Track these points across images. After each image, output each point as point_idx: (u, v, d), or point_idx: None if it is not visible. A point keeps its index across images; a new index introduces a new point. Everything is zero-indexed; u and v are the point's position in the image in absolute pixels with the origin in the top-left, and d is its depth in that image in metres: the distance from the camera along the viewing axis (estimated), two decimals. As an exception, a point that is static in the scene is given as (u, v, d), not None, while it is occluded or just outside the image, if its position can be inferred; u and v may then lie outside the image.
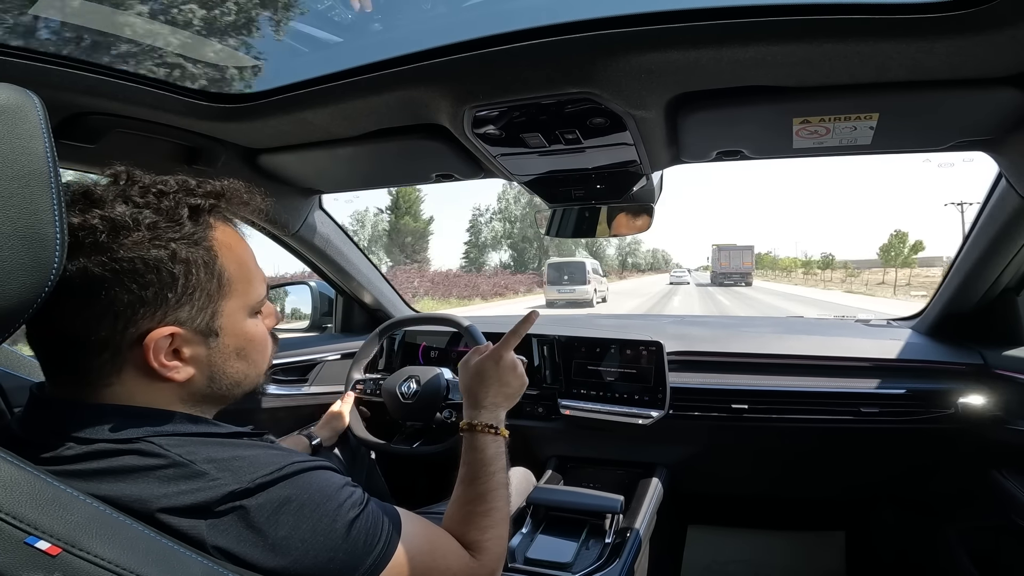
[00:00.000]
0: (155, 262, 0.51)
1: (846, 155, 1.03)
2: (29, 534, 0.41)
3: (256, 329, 0.62)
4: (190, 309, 0.54)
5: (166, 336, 0.53)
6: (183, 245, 0.53)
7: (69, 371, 0.54)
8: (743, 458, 1.56)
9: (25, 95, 0.47)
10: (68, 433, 0.51)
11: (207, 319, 0.56)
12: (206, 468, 0.51)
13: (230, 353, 0.59)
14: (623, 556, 1.11)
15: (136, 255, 0.51)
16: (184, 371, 0.55)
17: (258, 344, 0.62)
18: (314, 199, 1.51)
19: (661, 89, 0.82)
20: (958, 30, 0.64)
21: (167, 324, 0.53)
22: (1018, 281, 1.27)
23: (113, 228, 0.51)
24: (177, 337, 0.54)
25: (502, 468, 0.82)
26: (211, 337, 0.57)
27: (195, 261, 0.54)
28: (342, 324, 1.95)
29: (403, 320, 1.57)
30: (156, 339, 0.52)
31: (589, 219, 1.32)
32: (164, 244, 0.52)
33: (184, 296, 0.53)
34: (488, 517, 0.76)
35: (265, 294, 0.63)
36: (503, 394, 0.88)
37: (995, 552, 1.40)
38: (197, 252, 0.54)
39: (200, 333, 0.56)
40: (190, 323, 0.55)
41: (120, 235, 0.51)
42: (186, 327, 0.54)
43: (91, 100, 0.89)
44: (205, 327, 0.56)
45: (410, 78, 0.85)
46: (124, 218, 0.51)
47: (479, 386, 0.87)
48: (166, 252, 0.52)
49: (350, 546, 0.56)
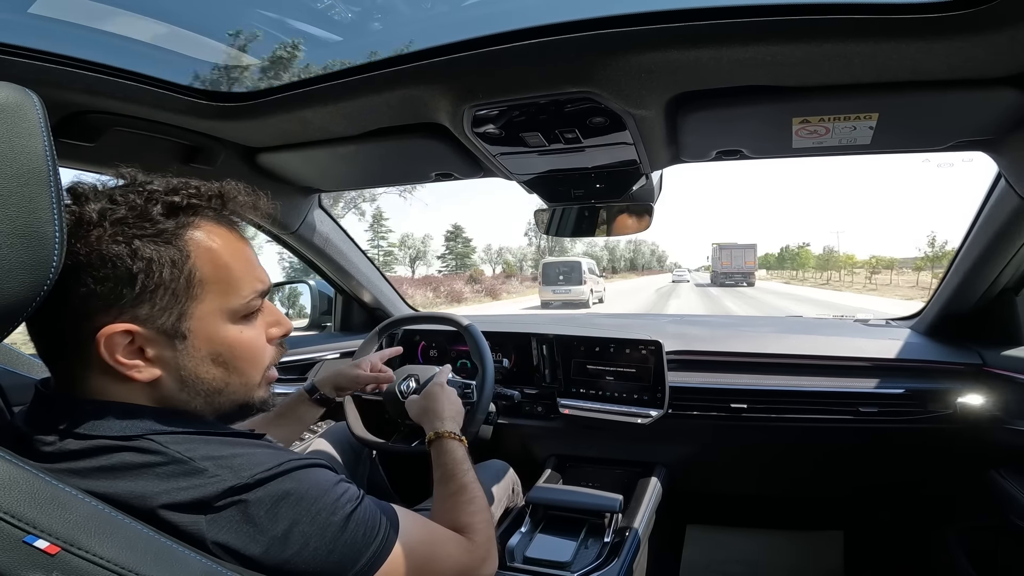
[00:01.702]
0: (112, 257, 0.51)
1: (845, 155, 1.03)
2: (28, 533, 0.41)
3: (240, 336, 0.59)
4: (151, 307, 0.53)
5: (122, 333, 0.52)
6: (148, 242, 0.52)
7: (54, 363, 0.55)
8: (742, 458, 1.57)
9: (24, 93, 0.47)
10: (68, 429, 0.51)
11: (172, 320, 0.54)
12: (205, 465, 0.51)
13: (202, 358, 0.57)
14: (622, 555, 1.11)
15: (92, 249, 0.51)
16: (147, 371, 0.54)
17: (241, 351, 0.59)
18: (313, 198, 1.51)
19: (661, 88, 0.82)
20: (957, 30, 0.64)
21: (123, 320, 0.52)
22: (1017, 281, 1.27)
23: (77, 223, 0.51)
24: (137, 336, 0.53)
25: (471, 468, 0.88)
26: (178, 339, 0.55)
27: (159, 259, 0.52)
28: (341, 323, 1.95)
29: (402, 319, 1.56)
30: (108, 334, 0.51)
31: (588, 218, 1.32)
32: (126, 240, 0.51)
33: (144, 293, 0.52)
34: (472, 503, 0.80)
35: (251, 299, 0.60)
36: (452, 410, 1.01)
37: (993, 552, 1.40)
38: (165, 250, 0.53)
39: (164, 334, 0.54)
40: (151, 322, 0.53)
41: (82, 230, 0.51)
42: (147, 326, 0.53)
43: (90, 99, 0.89)
44: (171, 328, 0.54)
45: (410, 77, 0.85)
46: (91, 214, 0.51)
47: (434, 404, 1.00)
48: (125, 248, 0.51)
49: (349, 539, 0.56)
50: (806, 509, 1.80)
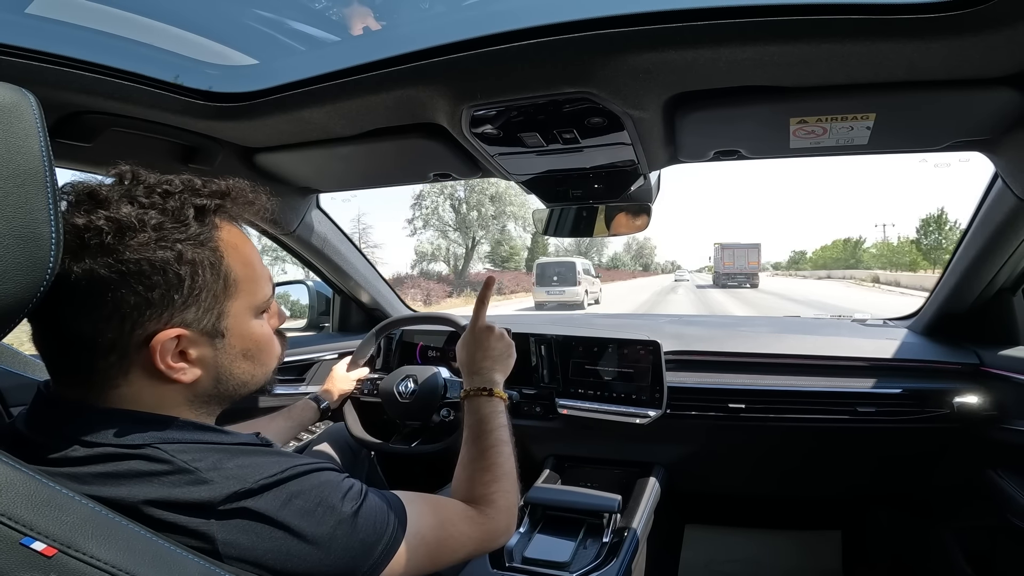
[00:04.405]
0: (161, 263, 0.51)
1: (843, 155, 1.03)
2: (25, 535, 0.41)
3: (262, 330, 0.62)
4: (196, 310, 0.54)
5: (172, 338, 0.53)
6: (189, 246, 0.53)
7: (75, 372, 0.54)
8: (740, 457, 1.57)
9: (21, 94, 0.47)
10: (75, 435, 0.51)
11: (213, 320, 0.56)
12: (211, 476, 0.51)
13: (236, 354, 0.59)
14: (621, 555, 1.11)
15: (142, 256, 0.50)
16: (191, 372, 0.55)
17: (264, 345, 0.62)
18: (311, 198, 1.51)
19: (659, 89, 0.82)
20: (955, 30, 0.64)
21: (173, 326, 0.53)
22: (1014, 281, 1.27)
23: (119, 229, 0.50)
24: (183, 339, 0.54)
25: (501, 426, 0.86)
26: (217, 338, 0.57)
27: (201, 262, 0.54)
28: (339, 323, 1.95)
29: (400, 319, 1.56)
30: (163, 341, 0.52)
31: (587, 219, 1.32)
32: (170, 245, 0.52)
33: (190, 297, 0.53)
34: (490, 472, 0.79)
35: (271, 294, 0.63)
36: (490, 358, 0.94)
37: (991, 551, 1.40)
38: (203, 253, 0.54)
39: (206, 334, 0.56)
40: (196, 324, 0.54)
41: (126, 236, 0.50)
42: (192, 328, 0.54)
43: (87, 99, 0.88)
44: (211, 328, 0.56)
45: (408, 77, 0.85)
46: (130, 219, 0.51)
47: (467, 356, 0.95)
48: (172, 253, 0.52)
49: (359, 534, 0.57)
50: (804, 509, 1.80)
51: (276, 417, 1.21)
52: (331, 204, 2.03)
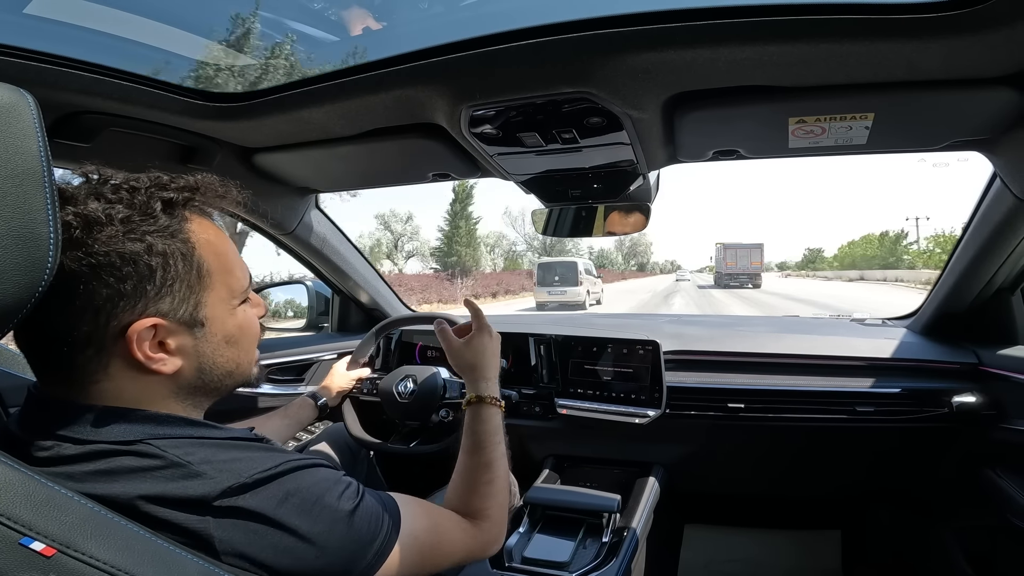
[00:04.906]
0: (131, 255, 0.52)
1: (841, 155, 1.03)
2: (24, 535, 0.41)
3: (245, 317, 0.63)
4: (172, 300, 0.55)
5: (148, 327, 0.53)
6: (159, 238, 0.53)
7: (57, 369, 0.54)
8: (739, 457, 1.57)
9: (19, 94, 0.46)
10: (65, 434, 0.51)
11: (190, 310, 0.56)
12: (204, 469, 0.52)
13: (219, 342, 0.60)
14: (620, 555, 1.11)
15: (112, 249, 0.51)
16: (171, 363, 0.56)
17: (248, 331, 0.63)
18: (310, 198, 1.51)
19: (657, 89, 0.82)
20: (953, 30, 0.64)
21: (148, 316, 0.53)
22: (1012, 280, 1.28)
23: (87, 224, 0.51)
24: (160, 328, 0.54)
25: (501, 439, 0.86)
26: (197, 328, 0.57)
27: (172, 253, 0.54)
28: (338, 323, 1.95)
29: (400, 319, 1.56)
30: (138, 330, 0.52)
31: (586, 218, 1.32)
32: (139, 237, 0.52)
33: (164, 288, 0.54)
34: (491, 485, 0.80)
35: (248, 284, 0.64)
36: (496, 367, 0.94)
37: (990, 551, 1.41)
38: (174, 244, 0.55)
39: (184, 324, 0.56)
40: (172, 314, 0.55)
41: (94, 230, 0.51)
42: (169, 319, 0.55)
43: (85, 99, 0.88)
44: (189, 318, 0.56)
45: (407, 77, 0.85)
46: (97, 214, 0.51)
47: (482, 360, 0.92)
48: (142, 245, 0.52)
49: (355, 533, 0.57)
50: (804, 508, 1.80)
51: (273, 416, 1.21)
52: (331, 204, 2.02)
